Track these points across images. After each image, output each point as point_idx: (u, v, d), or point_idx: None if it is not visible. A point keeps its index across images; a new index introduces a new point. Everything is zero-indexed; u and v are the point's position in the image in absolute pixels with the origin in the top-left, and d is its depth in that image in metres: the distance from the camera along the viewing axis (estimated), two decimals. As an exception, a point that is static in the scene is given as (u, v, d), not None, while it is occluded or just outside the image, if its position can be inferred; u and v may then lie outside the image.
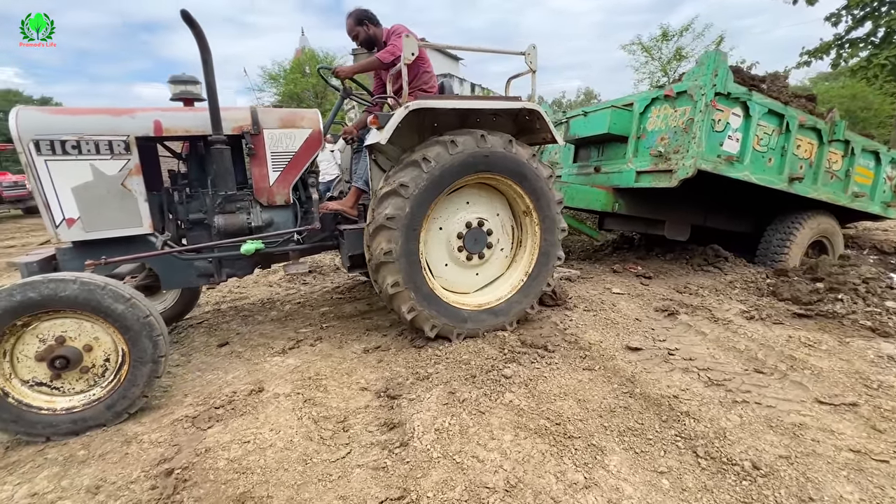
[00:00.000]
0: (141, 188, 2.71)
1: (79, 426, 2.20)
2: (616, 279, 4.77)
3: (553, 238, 3.31)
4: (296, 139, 3.08)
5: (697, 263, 5.20)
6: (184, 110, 2.90)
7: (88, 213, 2.59)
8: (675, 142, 4.17)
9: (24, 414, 2.10)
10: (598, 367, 2.76)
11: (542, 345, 3.04)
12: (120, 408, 2.26)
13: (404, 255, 2.78)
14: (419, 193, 2.74)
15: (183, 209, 2.98)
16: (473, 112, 3.14)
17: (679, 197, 4.65)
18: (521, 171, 3.06)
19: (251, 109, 2.96)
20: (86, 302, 2.09)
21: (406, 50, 2.72)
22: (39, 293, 2.01)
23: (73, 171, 2.52)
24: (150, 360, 2.26)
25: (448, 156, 2.78)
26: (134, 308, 2.18)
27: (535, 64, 3.11)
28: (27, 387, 2.15)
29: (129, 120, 2.65)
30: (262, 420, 2.28)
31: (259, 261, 3.25)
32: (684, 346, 3.09)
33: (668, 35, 17.95)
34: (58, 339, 2.15)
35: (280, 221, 3.16)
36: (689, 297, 4.12)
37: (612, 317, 3.61)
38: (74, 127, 2.51)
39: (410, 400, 2.41)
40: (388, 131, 2.68)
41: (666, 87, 4.38)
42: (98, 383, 2.27)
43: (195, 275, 2.97)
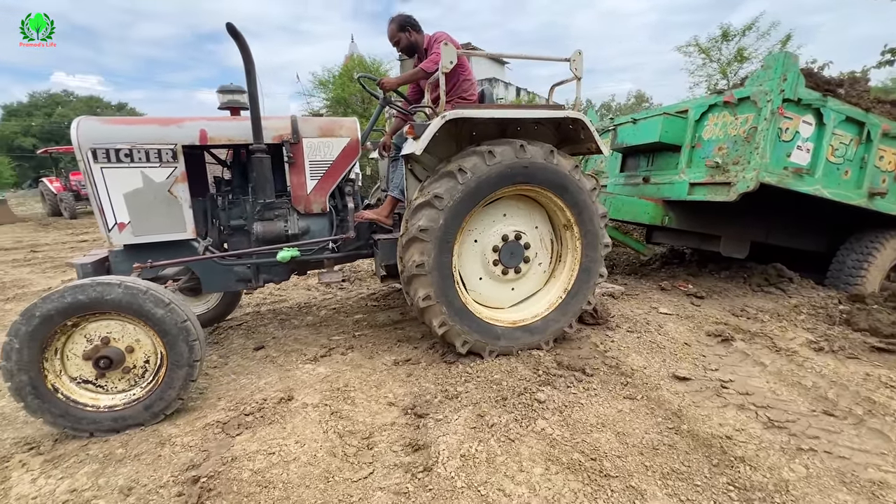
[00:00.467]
0: (186, 195, 2.81)
1: (119, 424, 2.29)
2: (664, 298, 4.46)
3: (595, 254, 3.13)
4: (333, 148, 3.10)
5: (757, 283, 4.77)
6: (228, 120, 3.00)
7: (138, 218, 2.72)
8: (734, 152, 3.84)
9: (70, 409, 2.21)
10: (641, 397, 2.55)
11: (580, 367, 2.87)
12: (157, 409, 2.33)
13: (437, 269, 2.71)
14: (454, 205, 2.67)
15: (225, 215, 3.07)
16: (513, 121, 3.03)
17: (737, 211, 4.29)
18: (562, 182, 2.91)
19: (292, 119, 3.01)
20: (128, 305, 2.17)
21: (444, 58, 2.66)
22: (87, 296, 2.11)
23: (126, 178, 2.66)
24: (186, 363, 2.31)
25: (485, 166, 2.69)
26: (172, 313, 2.24)
27: (580, 71, 2.95)
28: (75, 384, 2.26)
29: (177, 129, 2.76)
30: (289, 430, 2.28)
31: (295, 267, 3.30)
32: (740, 377, 2.80)
33: (729, 34, 16.81)
34: (103, 339, 2.26)
35: (316, 229, 3.19)
36: (747, 322, 3.77)
37: (659, 340, 3.36)
38: (128, 136, 2.65)
39: (437, 420, 2.32)
40: (424, 141, 2.63)
41: (725, 92, 4.06)
42: (138, 384, 2.36)
43: (234, 279, 3.05)
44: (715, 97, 4.14)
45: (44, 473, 2.01)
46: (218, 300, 3.90)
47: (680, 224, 4.60)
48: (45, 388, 2.16)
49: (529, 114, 2.91)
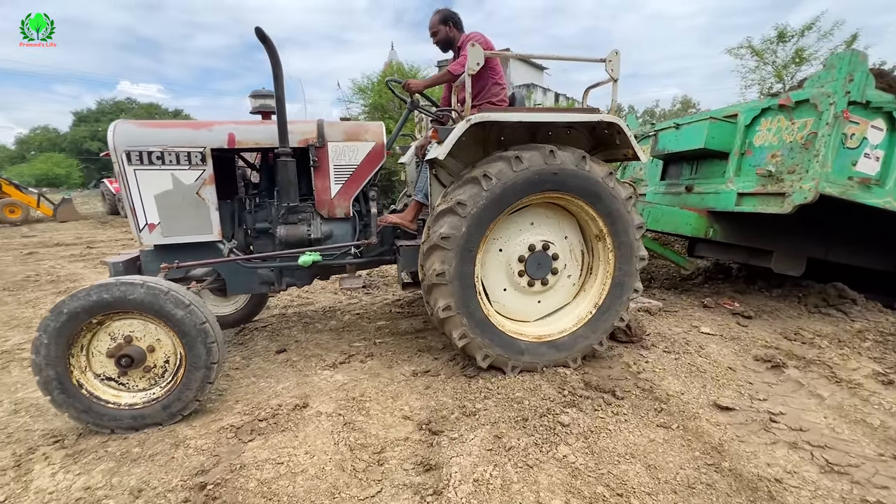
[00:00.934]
0: (213, 197, 2.85)
1: (138, 423, 2.32)
2: (706, 316, 4.14)
3: (629, 267, 2.92)
4: (358, 152, 3.07)
5: (814, 304, 4.35)
6: (256, 123, 3.03)
7: (167, 220, 2.79)
8: (790, 160, 3.52)
9: (93, 405, 2.26)
10: (677, 426, 2.33)
11: (610, 389, 2.67)
12: (174, 409, 2.34)
13: (458, 278, 2.60)
14: (477, 212, 2.55)
15: (251, 218, 3.11)
16: (544, 126, 2.89)
17: (792, 224, 3.92)
18: (594, 190, 2.74)
19: (318, 123, 3.00)
20: (150, 305, 2.20)
21: (471, 59, 2.56)
22: (112, 295, 2.16)
23: (157, 180, 2.73)
24: (204, 365, 2.32)
25: (511, 172, 2.56)
26: (192, 314, 2.25)
27: (616, 72, 2.78)
28: (99, 380, 2.31)
29: (207, 133, 2.81)
30: (301, 440, 2.23)
31: (318, 272, 3.29)
32: (792, 410, 2.51)
33: (786, 35, 15.68)
34: (126, 338, 2.30)
35: (339, 234, 3.17)
36: (802, 347, 3.42)
37: (699, 363, 3.09)
38: (160, 139, 2.72)
39: (452, 439, 2.20)
40: (447, 146, 2.54)
41: (781, 94, 3.73)
42: (158, 383, 2.39)
43: (258, 282, 3.08)
44: (769, 100, 3.81)
45: (63, 468, 2.05)
46: (246, 301, 3.96)
47: (726, 237, 4.27)
48: (70, 384, 2.21)
49: (560, 117, 2.76)
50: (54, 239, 10.90)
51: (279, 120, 2.74)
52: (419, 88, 3.30)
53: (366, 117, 21.12)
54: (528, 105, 3.78)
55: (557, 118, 2.76)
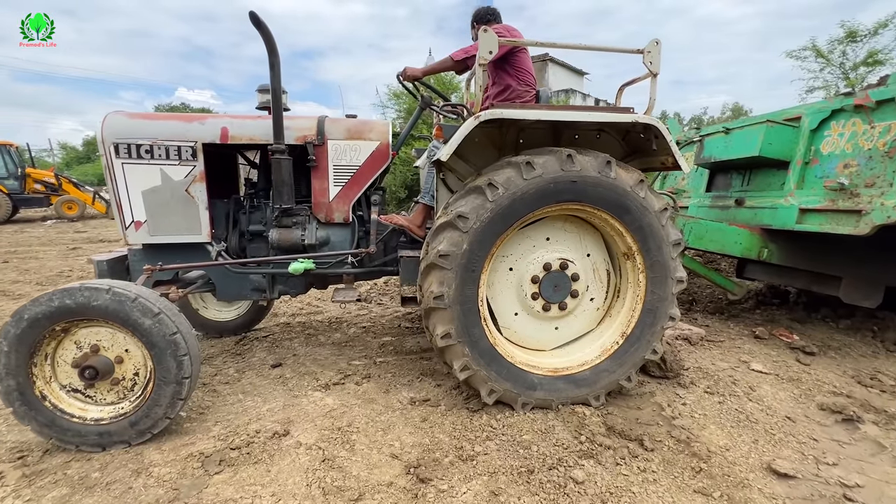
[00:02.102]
0: (203, 196, 2.68)
1: (105, 440, 2.13)
2: (758, 349, 3.59)
3: (664, 291, 2.49)
4: (361, 152, 2.83)
5: (893, 341, 3.68)
6: (252, 118, 2.84)
7: (154, 217, 2.64)
8: (868, 171, 2.97)
9: (57, 419, 2.09)
10: (720, 495, 1.89)
11: (637, 437, 2.25)
12: (143, 426, 2.15)
13: (459, 302, 2.26)
14: (481, 227, 2.21)
15: (245, 219, 2.93)
16: (569, 127, 2.53)
17: (868, 246, 3.32)
18: (621, 201, 2.34)
19: (318, 119, 2.79)
20: (115, 313, 2.02)
21: (482, 47, 2.22)
22: (75, 300, 1.99)
23: (145, 175, 2.59)
24: (174, 380, 2.10)
25: (522, 181, 2.20)
26: (160, 324, 2.05)
27: (656, 65, 2.38)
28: (64, 392, 2.15)
29: (199, 126, 2.65)
30: (272, 476, 1.97)
31: (313, 281, 3.07)
32: (873, 482, 2.01)
33: (857, 35, 14.26)
34: (93, 347, 2.13)
35: (336, 241, 2.93)
36: (882, 397, 2.84)
37: (749, 409, 2.60)
38: (150, 132, 2.57)
39: (441, 491, 1.87)
40: (451, 146, 2.23)
41: (857, 93, 3.17)
42: (127, 397, 2.20)
43: (249, 288, 2.88)
44: (841, 100, 3.26)
45: (15, 492, 1.88)
46: (248, 307, 3.79)
47: (784, 259, 3.70)
48: (32, 395, 2.06)
49: (587, 116, 2.38)
50: (101, 235, 11.45)
51: (274, 114, 2.53)
52: (417, 76, 3.03)
53: (401, 122, 21.20)
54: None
55: (584, 117, 2.38)
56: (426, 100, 3.06)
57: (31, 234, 11.59)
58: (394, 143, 2.96)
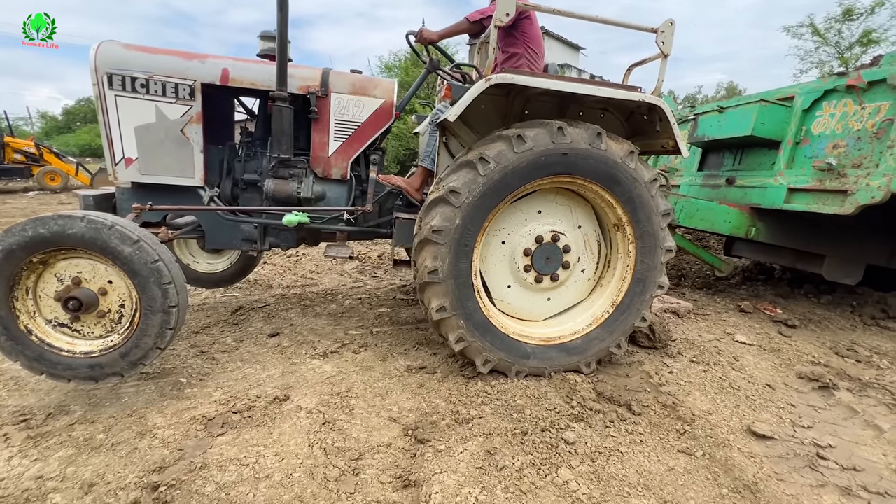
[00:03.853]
0: (198, 138, 2.63)
1: (97, 373, 2.15)
2: (743, 322, 3.72)
3: (653, 261, 2.56)
4: (364, 108, 2.80)
5: (870, 315, 3.85)
6: (254, 62, 2.77)
7: (146, 156, 2.58)
8: (856, 151, 3.03)
9: (45, 353, 2.10)
10: (702, 454, 2.00)
11: (626, 402, 2.36)
12: (134, 357, 2.15)
13: (453, 276, 2.30)
14: (474, 201, 2.23)
15: (240, 167, 2.88)
16: (575, 101, 2.53)
17: (851, 226, 3.43)
18: (611, 173, 2.37)
19: (323, 71, 2.74)
20: (92, 241, 1.98)
21: (500, 8, 2.19)
22: (49, 229, 1.95)
23: (139, 111, 2.52)
24: (161, 309, 2.10)
25: (513, 154, 2.21)
26: (141, 251, 2.02)
27: (668, 46, 2.39)
28: (50, 326, 2.14)
29: (199, 65, 2.58)
30: (274, 438, 2.03)
31: (305, 236, 3.05)
32: (844, 444, 2.14)
33: (853, 13, 14.19)
34: (74, 279, 2.11)
35: (332, 197, 2.92)
36: (856, 366, 2.99)
37: (732, 377, 2.73)
38: (147, 65, 2.50)
39: (438, 451, 1.95)
40: (459, 108, 2.21)
41: (850, 73, 3.21)
42: (115, 330, 2.20)
43: (239, 238, 2.85)
44: (834, 80, 3.30)
45: (21, 452, 1.91)
46: (235, 259, 3.80)
47: (771, 238, 3.80)
48: (17, 330, 2.06)
49: (597, 91, 2.36)
50: (85, 209, 11.19)
51: (279, 60, 2.46)
52: (433, 39, 2.96)
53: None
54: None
55: (594, 91, 2.36)
56: (434, 63, 3.02)
57: (13, 205, 11.28)
58: (398, 103, 2.93)
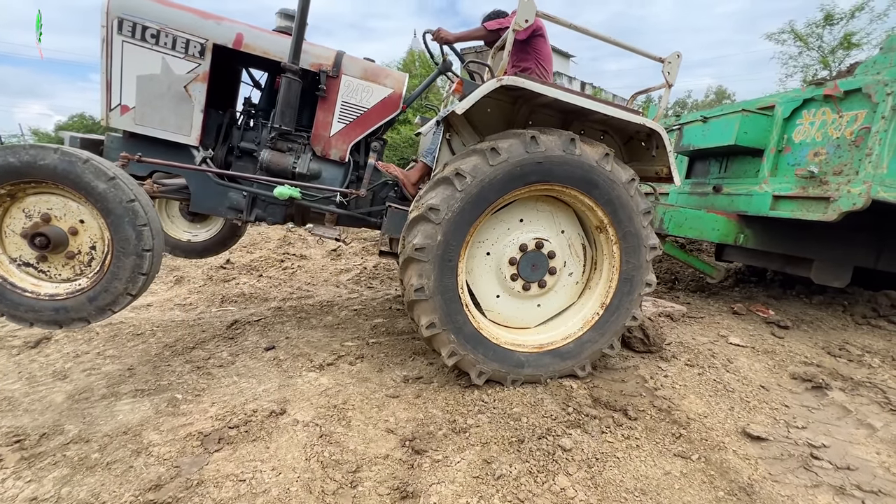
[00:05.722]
0: (201, 97, 2.63)
1: (61, 316, 2.08)
2: (736, 324, 3.76)
3: (638, 259, 2.59)
4: (373, 95, 2.85)
5: (862, 315, 3.90)
6: (270, 32, 2.79)
7: (144, 106, 2.57)
8: (836, 159, 3.11)
9: (6, 292, 2.04)
10: (698, 457, 2.02)
11: (622, 407, 2.37)
12: (102, 302, 2.08)
13: (439, 292, 2.31)
14: (453, 217, 2.25)
15: (238, 135, 2.89)
16: (578, 118, 2.59)
17: (837, 230, 3.50)
18: (588, 177, 2.41)
19: (337, 52, 2.79)
20: (65, 174, 1.93)
21: (520, 14, 2.25)
22: (19, 159, 1.90)
23: (144, 60, 2.51)
24: (134, 252, 2.04)
25: (488, 167, 2.24)
26: (117, 189, 1.96)
27: (673, 77, 2.48)
28: (14, 265, 2.08)
29: (214, 25, 2.59)
30: (271, 452, 2.02)
31: (293, 213, 3.04)
32: (838, 443, 2.16)
33: (834, 17, 14.53)
34: (43, 216, 2.05)
35: (327, 177, 2.92)
36: (848, 366, 3.03)
37: (727, 379, 2.75)
38: (161, 16, 2.50)
39: (436, 461, 1.95)
40: (468, 102, 2.25)
41: (827, 83, 3.30)
42: (84, 273, 2.14)
43: (226, 205, 2.82)
44: (812, 89, 3.39)
45: (14, 473, 1.89)
46: (216, 231, 3.80)
47: (759, 244, 3.86)
48: None
49: (601, 108, 2.40)
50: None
51: (296, 33, 2.49)
52: (450, 39, 3.05)
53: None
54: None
55: (599, 108, 2.40)
56: (446, 64, 3.09)
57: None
58: (406, 97, 2.97)
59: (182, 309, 4.03)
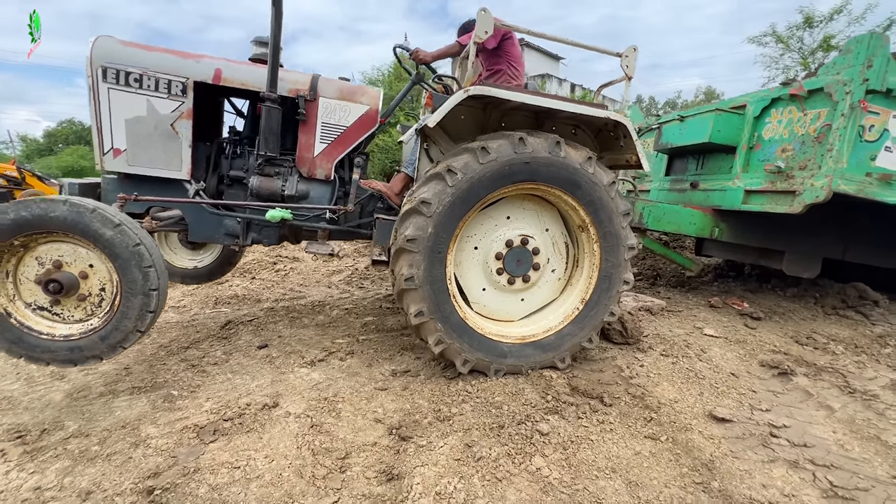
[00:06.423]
0: (188, 133, 2.74)
1: (76, 355, 2.19)
2: (712, 317, 3.92)
3: (617, 258, 2.74)
4: (350, 113, 2.96)
5: (831, 306, 4.08)
6: (246, 64, 2.91)
7: (135, 147, 2.67)
8: (801, 154, 3.28)
9: (24, 336, 2.14)
10: (666, 438, 2.16)
11: (598, 395, 2.51)
12: (113, 340, 2.20)
13: (428, 282, 2.44)
14: (444, 211, 2.39)
15: (227, 164, 3.00)
16: (550, 117, 2.72)
17: (806, 222, 3.67)
18: (572, 178, 2.55)
19: (312, 76, 2.90)
20: (74, 224, 2.04)
21: (479, 27, 2.40)
22: (31, 213, 2.01)
23: (131, 104, 2.62)
24: (141, 291, 2.16)
25: (478, 165, 2.38)
26: (123, 235, 2.09)
27: (632, 69, 2.62)
28: (30, 310, 2.19)
29: (193, 64, 2.69)
30: (264, 442, 2.13)
31: (287, 234, 3.16)
32: (798, 423, 2.31)
33: (813, 20, 14.91)
34: (55, 263, 2.16)
35: (316, 196, 3.04)
36: (814, 353, 3.19)
37: (698, 368, 2.90)
38: (143, 61, 2.60)
39: (420, 446, 2.07)
40: (438, 115, 2.40)
41: (793, 83, 3.48)
42: (95, 313, 2.25)
43: (222, 232, 2.94)
44: (779, 89, 3.57)
45: (18, 466, 1.99)
46: (217, 255, 3.89)
47: (734, 237, 4.03)
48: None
49: (565, 106, 2.55)
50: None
51: (271, 63, 2.59)
52: (427, 59, 3.17)
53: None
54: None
55: (564, 107, 2.55)
56: (419, 76, 3.21)
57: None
58: (383, 111, 3.09)
59: (176, 311, 4.11)
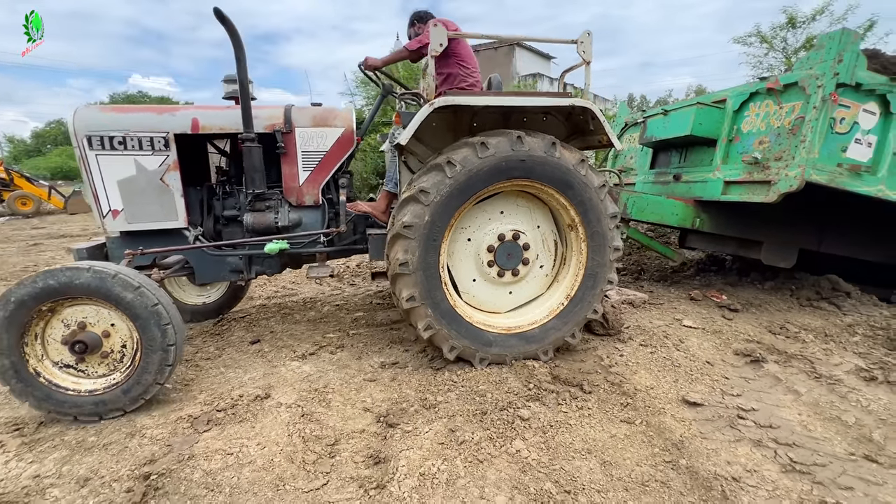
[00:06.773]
0: (177, 184, 2.82)
1: (100, 409, 2.30)
2: (691, 309, 4.04)
3: (603, 258, 2.84)
4: (327, 138, 3.03)
5: (806, 297, 4.22)
6: (221, 108, 2.99)
7: (131, 206, 2.76)
8: (777, 146, 3.38)
9: (52, 393, 2.26)
10: (640, 421, 2.27)
11: (578, 383, 2.61)
12: (135, 393, 2.32)
13: (421, 268, 2.54)
14: (441, 200, 2.48)
15: (219, 205, 3.08)
16: (517, 111, 2.81)
17: (783, 214, 3.80)
18: (565, 178, 2.65)
19: (285, 108, 2.96)
20: (97, 290, 2.17)
21: (433, 40, 2.50)
22: (58, 281, 2.13)
23: (119, 166, 2.71)
24: (160, 347, 2.28)
25: (477, 159, 2.48)
26: (142, 296, 2.22)
27: (589, 54, 2.69)
28: (57, 368, 2.31)
29: (170, 118, 2.78)
30: (257, 430, 2.21)
31: (287, 261, 3.26)
32: (765, 407, 2.43)
33: (796, 21, 15.10)
34: (80, 324, 2.29)
35: (308, 222, 3.13)
36: (785, 342, 3.31)
37: (675, 357, 3.01)
38: (121, 124, 2.69)
39: (406, 432, 2.17)
40: (410, 130, 2.48)
41: (770, 77, 3.58)
42: (117, 368, 2.37)
43: (227, 270, 3.05)
44: (757, 84, 3.67)
45: (17, 456, 2.06)
46: (224, 289, 3.95)
47: (714, 228, 4.14)
48: (27, 373, 2.21)
49: (529, 101, 2.66)
50: (61, 231, 11.07)
51: (243, 104, 2.69)
52: (376, 66, 3.24)
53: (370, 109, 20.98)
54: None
55: (526, 102, 2.66)
56: (387, 87, 3.28)
57: (-17, 231, 11.08)
58: (358, 129, 3.17)
59: (169, 307, 4.17)
